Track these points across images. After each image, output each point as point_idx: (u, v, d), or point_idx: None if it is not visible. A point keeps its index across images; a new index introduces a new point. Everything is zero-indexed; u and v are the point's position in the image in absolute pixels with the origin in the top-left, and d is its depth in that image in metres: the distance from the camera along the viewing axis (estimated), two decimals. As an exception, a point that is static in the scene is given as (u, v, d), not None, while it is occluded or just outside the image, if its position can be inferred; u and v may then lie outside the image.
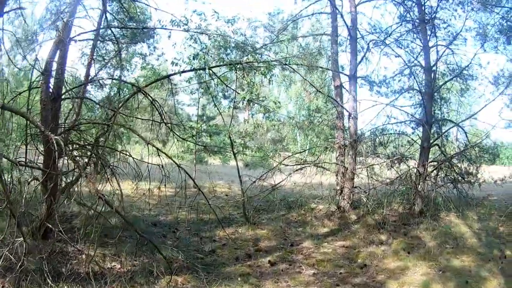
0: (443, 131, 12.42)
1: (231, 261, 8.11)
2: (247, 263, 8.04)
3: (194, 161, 15.73)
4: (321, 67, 15.64)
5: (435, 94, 12.32)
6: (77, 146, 7.62)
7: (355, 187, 11.93)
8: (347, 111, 12.24)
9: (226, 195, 13.96)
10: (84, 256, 6.47)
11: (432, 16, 11.86)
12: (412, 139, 12.57)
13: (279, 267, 7.96)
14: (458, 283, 7.20)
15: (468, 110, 18.97)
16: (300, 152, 14.67)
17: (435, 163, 11.93)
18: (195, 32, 9.19)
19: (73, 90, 8.29)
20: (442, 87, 12.93)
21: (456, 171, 11.66)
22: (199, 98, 17.82)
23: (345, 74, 12.74)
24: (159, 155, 7.20)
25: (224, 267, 7.70)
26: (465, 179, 11.40)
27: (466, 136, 12.46)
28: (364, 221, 10.81)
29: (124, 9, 11.40)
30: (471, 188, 11.33)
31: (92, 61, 10.50)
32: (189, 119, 22.90)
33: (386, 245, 9.37)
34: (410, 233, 9.90)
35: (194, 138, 13.39)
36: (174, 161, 7.27)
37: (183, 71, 8.48)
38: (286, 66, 10.57)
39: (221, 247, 8.98)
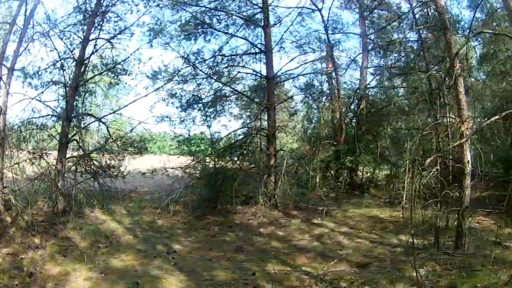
0: (83, 125, 12.41)
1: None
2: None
3: None
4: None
5: (81, 88, 12.14)
6: None
7: (5, 187, 10.25)
8: (-1, 106, 10.52)
9: None
10: None
11: (107, 9, 11.74)
12: (51, 134, 11.90)
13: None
14: (128, 285, 7.01)
15: (115, 104, 19.17)
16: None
17: (75, 158, 11.69)
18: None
19: None
20: (90, 81, 12.82)
21: (96, 165, 11.83)
22: None
23: (5, 67, 10.83)
24: None
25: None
26: (106, 173, 11.69)
27: (108, 131, 12.74)
28: (17, 223, 9.53)
29: None
30: (113, 182, 11.60)
31: None
32: None
33: (42, 249, 8.54)
34: (59, 234, 9.38)
35: None
36: None
37: None
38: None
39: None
